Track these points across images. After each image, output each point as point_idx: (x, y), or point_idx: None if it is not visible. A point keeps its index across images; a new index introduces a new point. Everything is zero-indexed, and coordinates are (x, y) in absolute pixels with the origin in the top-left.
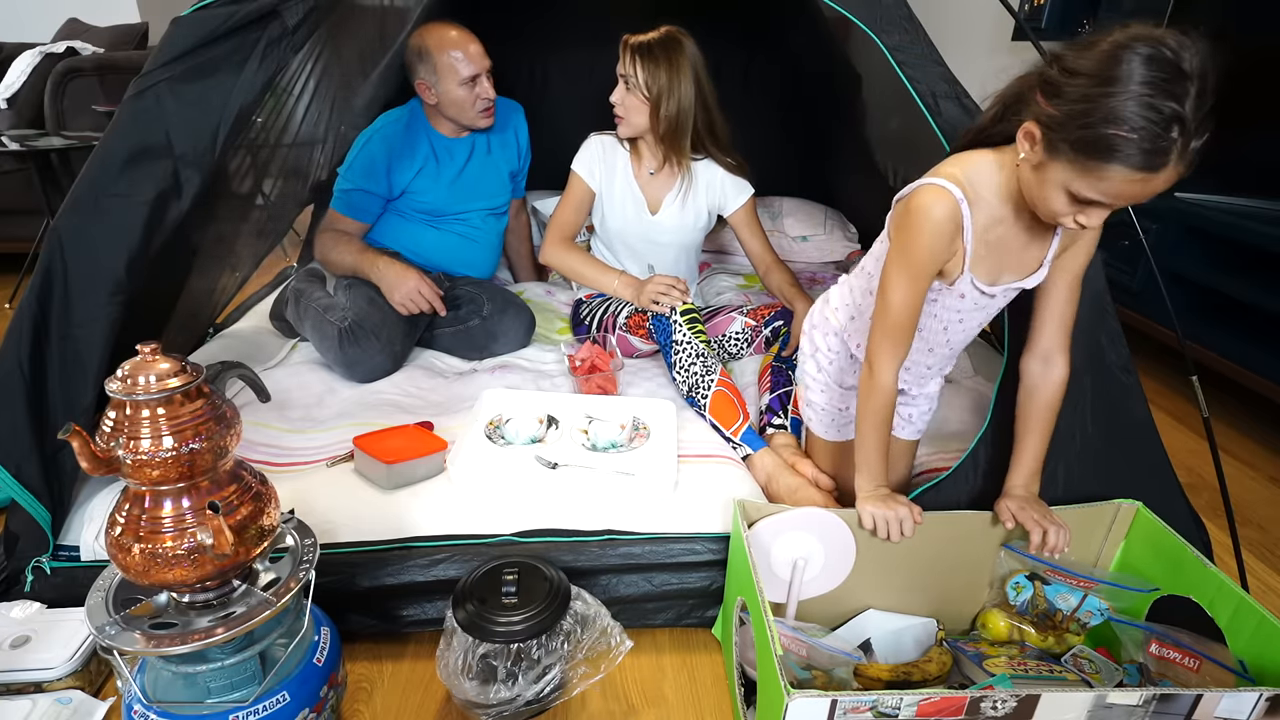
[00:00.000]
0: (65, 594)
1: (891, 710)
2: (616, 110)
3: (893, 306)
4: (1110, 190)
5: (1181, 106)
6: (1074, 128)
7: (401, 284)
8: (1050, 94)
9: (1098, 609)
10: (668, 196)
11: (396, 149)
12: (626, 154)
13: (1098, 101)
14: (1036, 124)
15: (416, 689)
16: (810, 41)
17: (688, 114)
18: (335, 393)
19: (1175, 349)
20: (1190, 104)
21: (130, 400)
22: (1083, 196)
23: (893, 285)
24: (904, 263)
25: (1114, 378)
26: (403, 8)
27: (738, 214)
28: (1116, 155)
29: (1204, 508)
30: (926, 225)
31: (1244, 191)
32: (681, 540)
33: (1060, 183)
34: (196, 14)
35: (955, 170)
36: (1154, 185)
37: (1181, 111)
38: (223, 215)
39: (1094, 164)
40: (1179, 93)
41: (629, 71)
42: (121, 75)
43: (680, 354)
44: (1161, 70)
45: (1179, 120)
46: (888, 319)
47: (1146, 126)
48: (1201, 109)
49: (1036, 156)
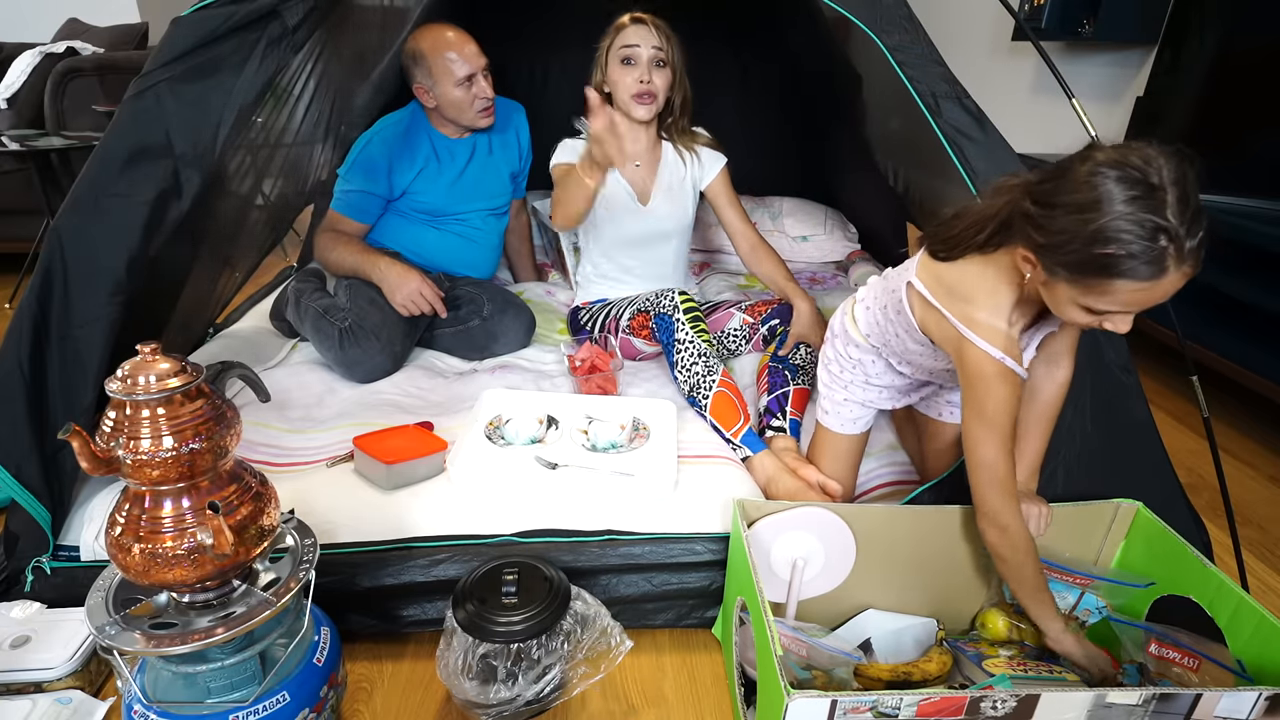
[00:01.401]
0: (65, 594)
1: (891, 710)
2: (648, 90)
3: (987, 460)
4: (1120, 300)
5: (1162, 217)
6: (1066, 253)
7: (403, 285)
8: (1035, 227)
9: (1095, 607)
10: (656, 184)
11: (397, 150)
12: None
13: (1082, 228)
14: (1031, 251)
15: (416, 689)
16: (810, 41)
17: (689, 94)
18: (335, 393)
19: (1175, 349)
20: (1171, 211)
21: (130, 400)
22: (1096, 309)
23: (979, 441)
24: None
25: (1114, 378)
26: (402, 8)
27: (715, 184)
28: (1114, 272)
29: (1204, 508)
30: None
31: (1244, 191)
32: (681, 540)
33: (1070, 299)
34: (197, 14)
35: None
36: (1163, 288)
37: (1162, 222)
38: (223, 215)
39: (1095, 282)
40: (1157, 204)
41: (663, 45)
42: (121, 75)
43: (682, 353)
44: (1134, 188)
45: (1163, 230)
46: (987, 471)
47: (1134, 242)
48: (1185, 213)
49: (1040, 277)
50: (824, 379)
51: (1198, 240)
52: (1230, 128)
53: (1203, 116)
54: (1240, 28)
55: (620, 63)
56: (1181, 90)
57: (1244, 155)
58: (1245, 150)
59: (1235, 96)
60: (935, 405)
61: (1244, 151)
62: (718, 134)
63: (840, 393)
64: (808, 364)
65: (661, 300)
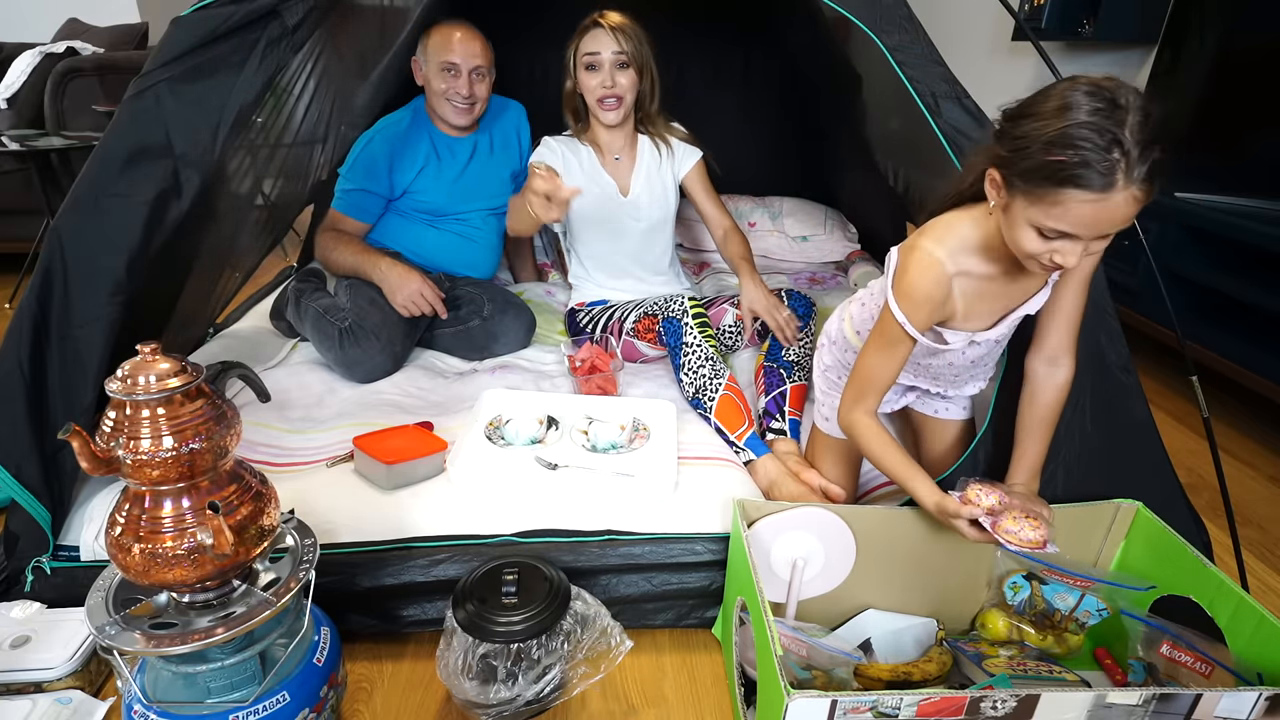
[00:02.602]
0: (65, 594)
1: (891, 710)
2: (612, 94)
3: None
4: (1069, 216)
5: (1120, 131)
6: (1024, 159)
7: (404, 286)
8: (1001, 137)
9: (1095, 609)
10: (635, 176)
11: (398, 149)
12: (587, 149)
13: (1044, 132)
14: (996, 169)
15: (416, 689)
16: (809, 41)
17: (657, 80)
18: (335, 393)
19: (1175, 349)
20: (1129, 131)
21: (130, 400)
22: (1048, 229)
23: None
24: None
25: (1114, 378)
26: (403, 7)
27: (690, 175)
28: (1066, 178)
29: (1204, 508)
30: (879, 347)
31: (1244, 191)
32: (681, 541)
33: (1026, 220)
34: (197, 14)
35: (937, 234)
36: (1111, 209)
37: (1119, 135)
38: (223, 215)
39: (1048, 191)
40: (1118, 121)
41: (624, 48)
42: (121, 75)
43: (690, 355)
44: (1099, 102)
45: (1117, 143)
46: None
47: (1091, 150)
48: (1142, 135)
49: (1002, 200)
50: (822, 386)
51: (1149, 165)
52: (1230, 128)
53: (1203, 116)
54: (1240, 27)
55: (585, 68)
56: (1181, 90)
57: (1244, 155)
58: (1245, 150)
59: (1235, 96)
60: (930, 403)
61: (1244, 151)
62: (719, 132)
63: (839, 400)
64: (802, 359)
65: (671, 305)
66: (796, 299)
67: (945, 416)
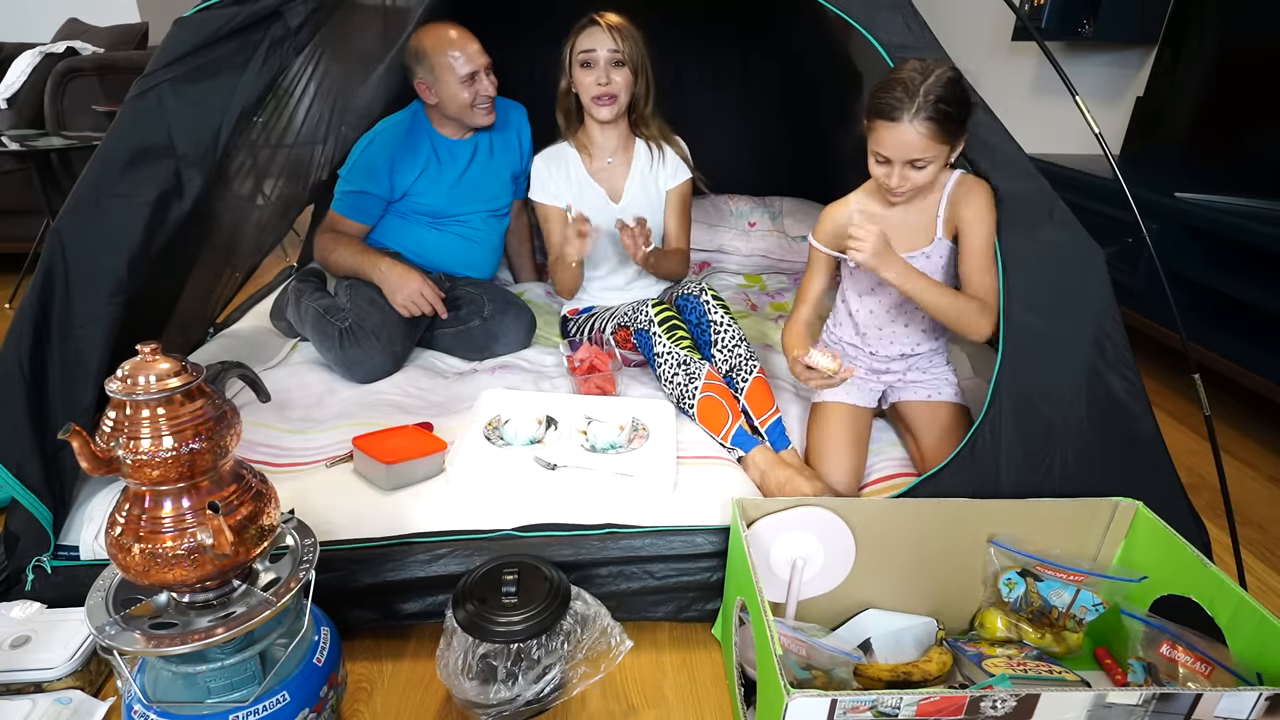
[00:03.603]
0: (65, 594)
1: (891, 710)
2: (606, 91)
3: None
4: (878, 138)
5: (913, 83)
6: (869, 101)
7: (404, 286)
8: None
9: (1091, 604)
10: (627, 181)
11: (398, 151)
12: (575, 155)
13: (878, 84)
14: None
15: (416, 689)
16: (810, 41)
17: (653, 82)
18: (335, 393)
19: (1176, 349)
20: (922, 85)
21: (130, 400)
22: (876, 154)
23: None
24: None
25: (1114, 378)
26: (404, 8)
27: (674, 190)
28: (874, 109)
29: (1204, 508)
30: (825, 219)
31: (1244, 191)
32: (681, 532)
33: (870, 150)
34: (199, 15)
35: (850, 197)
36: (901, 135)
37: (911, 84)
38: (224, 215)
39: (871, 121)
40: (920, 78)
41: (620, 46)
42: (121, 75)
43: (662, 365)
44: (916, 69)
45: (904, 86)
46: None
47: (891, 90)
48: (933, 92)
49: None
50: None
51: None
52: (1230, 127)
53: (1203, 116)
54: (1240, 27)
55: (580, 66)
56: (1181, 90)
57: (1244, 155)
58: (1245, 150)
59: (1235, 96)
60: (917, 389)
61: (1244, 151)
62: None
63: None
64: (736, 360)
65: (638, 315)
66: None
67: (927, 398)
